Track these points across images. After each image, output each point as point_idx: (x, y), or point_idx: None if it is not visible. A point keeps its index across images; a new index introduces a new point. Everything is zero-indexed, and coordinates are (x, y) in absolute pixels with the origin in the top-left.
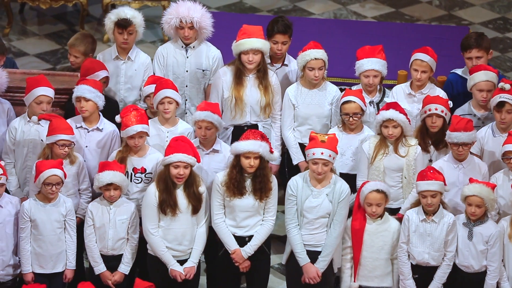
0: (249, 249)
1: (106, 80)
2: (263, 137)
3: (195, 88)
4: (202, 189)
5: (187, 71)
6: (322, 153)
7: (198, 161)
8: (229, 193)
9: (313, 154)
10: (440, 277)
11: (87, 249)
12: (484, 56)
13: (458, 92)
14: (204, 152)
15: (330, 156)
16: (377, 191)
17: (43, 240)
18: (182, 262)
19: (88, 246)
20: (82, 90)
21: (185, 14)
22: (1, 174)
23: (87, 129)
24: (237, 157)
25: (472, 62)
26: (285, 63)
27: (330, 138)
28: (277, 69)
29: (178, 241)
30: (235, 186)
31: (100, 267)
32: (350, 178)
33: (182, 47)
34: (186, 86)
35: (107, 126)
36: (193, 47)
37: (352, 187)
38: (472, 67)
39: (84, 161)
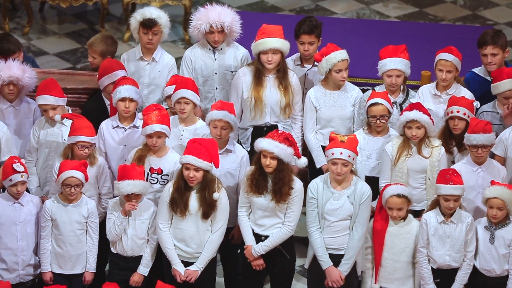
0: (259, 248)
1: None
2: (289, 140)
3: (225, 90)
4: (216, 195)
5: (216, 73)
6: (341, 153)
7: (216, 166)
8: (247, 188)
9: (332, 154)
10: (462, 278)
11: (111, 242)
12: (500, 53)
13: (475, 90)
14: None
15: (349, 156)
16: (398, 195)
17: (62, 240)
18: (189, 264)
19: (111, 237)
20: (129, 91)
21: (216, 19)
22: (23, 172)
23: (124, 128)
24: (260, 154)
25: (487, 59)
26: (315, 64)
27: (350, 138)
28: (308, 70)
29: (185, 242)
30: (253, 183)
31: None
32: (376, 181)
33: (210, 49)
34: (216, 89)
35: (142, 123)
36: (221, 49)
37: (378, 190)
38: (487, 63)
39: (125, 160)
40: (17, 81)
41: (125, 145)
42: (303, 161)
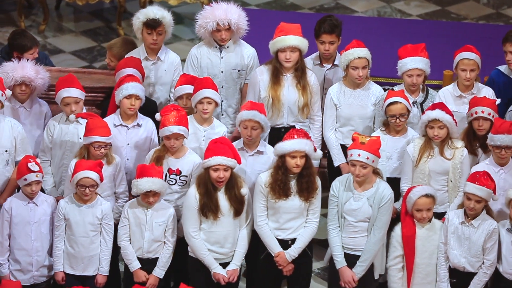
0: (294, 252)
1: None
2: (307, 135)
3: (231, 89)
4: (244, 191)
5: (222, 71)
6: (359, 155)
7: (239, 162)
8: (274, 195)
9: (351, 155)
10: (476, 284)
11: (121, 248)
12: None
13: (499, 89)
14: (248, 154)
15: (368, 158)
16: (426, 195)
17: (75, 240)
18: (224, 265)
19: (122, 245)
20: (136, 88)
21: (222, 17)
22: (38, 171)
23: (127, 126)
24: (282, 157)
25: (507, 56)
26: (335, 63)
27: (371, 140)
28: (327, 69)
29: (220, 244)
30: (280, 188)
31: (133, 265)
32: (398, 182)
33: (216, 47)
34: (222, 87)
35: (145, 121)
36: (227, 47)
37: (399, 191)
38: (509, 60)
39: (127, 159)
40: (29, 82)
41: (128, 144)
42: (319, 154)
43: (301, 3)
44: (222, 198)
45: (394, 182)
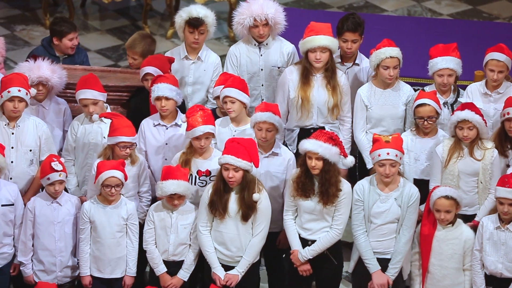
0: (306, 253)
1: (151, 78)
2: (333, 139)
3: (271, 86)
4: (256, 196)
5: (262, 69)
6: (388, 153)
7: (256, 166)
8: (294, 192)
9: (379, 155)
10: None
11: (147, 252)
12: None
13: None
14: (263, 155)
15: (396, 156)
16: (446, 197)
17: (101, 243)
18: (230, 268)
19: (148, 248)
20: (163, 90)
21: (259, 12)
22: (61, 171)
23: (165, 126)
24: (305, 156)
25: None
26: (356, 62)
27: (394, 137)
28: (347, 68)
29: (225, 245)
30: (299, 186)
31: (159, 268)
32: (425, 184)
33: (255, 45)
34: (262, 85)
35: (184, 121)
36: (266, 44)
37: (427, 193)
38: None
39: (165, 159)
40: (46, 82)
41: (167, 144)
42: (350, 160)
43: (330, 2)
44: (232, 200)
45: (421, 184)
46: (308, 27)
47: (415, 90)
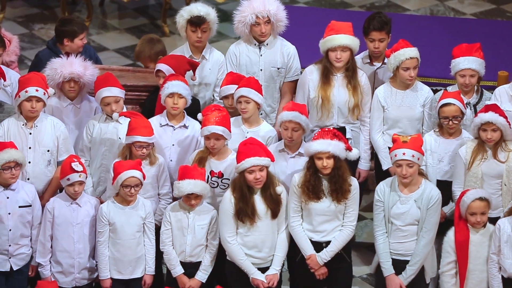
0: (325, 255)
1: (163, 75)
2: (336, 135)
3: (271, 87)
4: (279, 189)
5: (261, 69)
6: (404, 154)
7: (272, 160)
8: (304, 196)
9: (395, 156)
10: None
11: (164, 253)
12: None
13: None
14: (289, 156)
15: (413, 156)
16: (480, 199)
17: (122, 244)
18: (263, 270)
19: (165, 249)
20: (177, 86)
21: (261, 9)
22: (81, 172)
23: (173, 126)
24: (312, 158)
25: None
26: (385, 61)
27: (413, 138)
28: (377, 68)
29: (257, 248)
30: (309, 190)
31: (177, 270)
32: (448, 186)
33: (255, 44)
34: (261, 87)
35: (192, 123)
36: (267, 44)
37: (450, 195)
38: None
39: (171, 160)
40: (78, 78)
41: (173, 145)
42: (355, 153)
43: (351, 1)
44: (258, 201)
45: (444, 185)
46: (329, 26)
47: (437, 91)
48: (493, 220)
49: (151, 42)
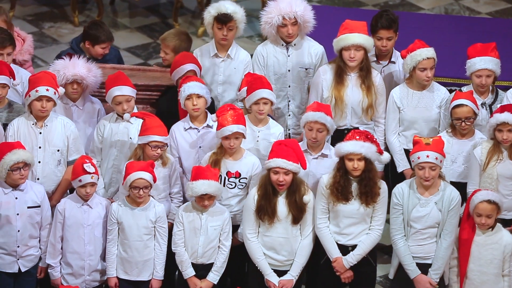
0: (352, 258)
1: (194, 74)
2: (369, 138)
3: (298, 88)
4: (307, 198)
5: (289, 70)
6: (427, 156)
7: (304, 168)
8: (333, 198)
9: (418, 158)
10: None
11: (176, 254)
12: None
13: None
14: (312, 157)
15: (436, 159)
16: (488, 201)
17: (128, 245)
18: (281, 273)
19: (177, 251)
20: (193, 87)
21: (288, 10)
22: (93, 173)
23: (197, 128)
24: (341, 159)
25: None
26: (392, 60)
27: (435, 140)
28: (383, 66)
29: (275, 250)
30: (338, 191)
31: (188, 272)
32: (462, 187)
33: (283, 45)
34: (289, 86)
35: (215, 122)
36: (294, 44)
37: (463, 196)
38: None
39: (200, 163)
40: (81, 80)
41: (200, 147)
42: (386, 157)
43: (365, 0)
44: (281, 203)
45: (458, 187)
46: (343, 25)
47: (452, 91)
48: (508, 222)
49: (184, 36)
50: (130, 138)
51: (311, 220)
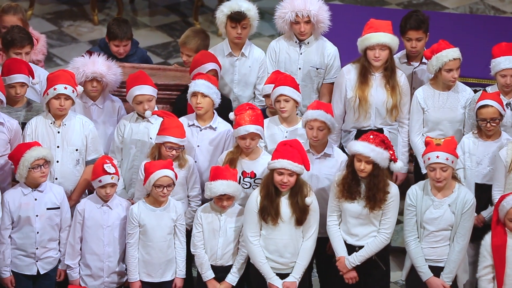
0: (353, 259)
1: (215, 74)
2: (385, 143)
3: (308, 87)
4: (309, 200)
5: (299, 68)
6: (437, 157)
7: (307, 169)
8: (339, 194)
9: (429, 159)
10: None
11: (196, 256)
12: None
13: None
14: (315, 156)
15: (447, 159)
16: None
17: (152, 247)
18: (283, 276)
19: (196, 253)
20: (200, 85)
21: (302, 8)
22: (114, 174)
23: (199, 127)
24: (353, 157)
25: None
26: (423, 61)
27: (446, 140)
28: (414, 68)
29: (279, 252)
30: (345, 188)
31: (207, 274)
32: (487, 189)
33: (296, 42)
34: (298, 85)
35: (221, 125)
36: (308, 43)
37: (490, 199)
38: None
39: (195, 162)
40: (101, 78)
41: (198, 146)
42: (399, 165)
43: None
44: (284, 204)
45: (483, 189)
46: (367, 24)
47: (477, 91)
48: None
49: (203, 34)
50: (151, 138)
51: (314, 222)
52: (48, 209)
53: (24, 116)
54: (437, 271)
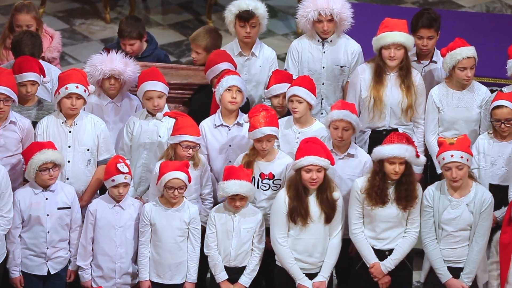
0: (390, 263)
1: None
2: (409, 140)
3: (332, 86)
4: (336, 194)
5: (323, 67)
6: (452, 156)
7: (332, 163)
8: (370, 201)
9: (443, 159)
10: None
11: (209, 257)
12: None
13: None
14: (338, 157)
15: (462, 157)
16: None
17: (161, 247)
18: (311, 276)
19: (210, 254)
20: (237, 80)
21: (324, 6)
22: (127, 173)
23: (228, 126)
24: (380, 162)
25: None
26: (433, 59)
27: (460, 139)
28: (424, 66)
29: (308, 252)
30: (377, 194)
31: (221, 275)
32: (502, 190)
33: (319, 41)
34: (323, 84)
35: (247, 121)
36: (330, 41)
37: (504, 200)
38: None
39: (229, 161)
40: (118, 75)
41: (230, 146)
42: (423, 160)
43: None
44: (313, 203)
45: (497, 190)
46: (383, 23)
47: (493, 91)
48: None
49: (215, 33)
50: (160, 136)
51: (340, 218)
52: (59, 208)
53: (35, 115)
54: (456, 272)
